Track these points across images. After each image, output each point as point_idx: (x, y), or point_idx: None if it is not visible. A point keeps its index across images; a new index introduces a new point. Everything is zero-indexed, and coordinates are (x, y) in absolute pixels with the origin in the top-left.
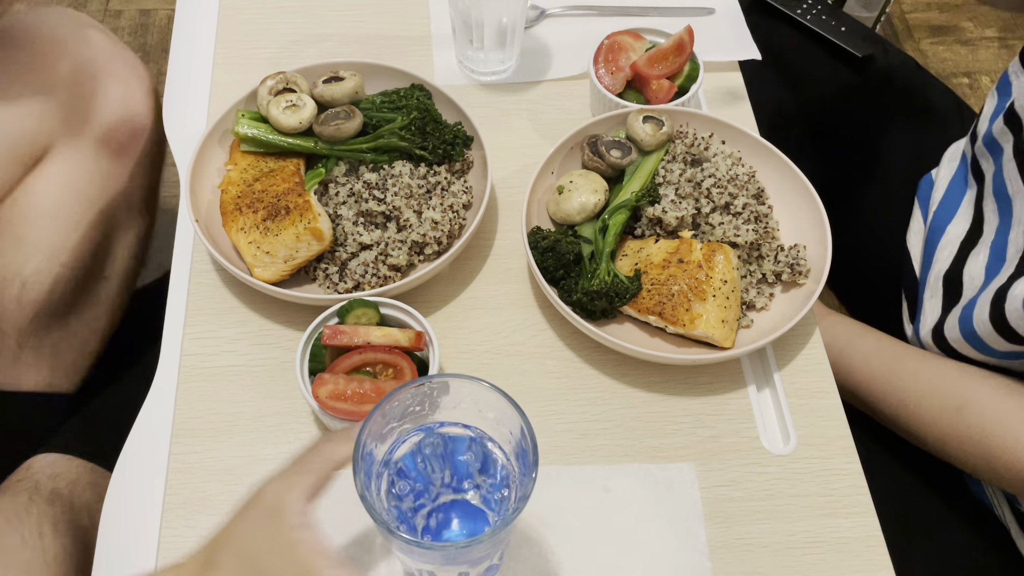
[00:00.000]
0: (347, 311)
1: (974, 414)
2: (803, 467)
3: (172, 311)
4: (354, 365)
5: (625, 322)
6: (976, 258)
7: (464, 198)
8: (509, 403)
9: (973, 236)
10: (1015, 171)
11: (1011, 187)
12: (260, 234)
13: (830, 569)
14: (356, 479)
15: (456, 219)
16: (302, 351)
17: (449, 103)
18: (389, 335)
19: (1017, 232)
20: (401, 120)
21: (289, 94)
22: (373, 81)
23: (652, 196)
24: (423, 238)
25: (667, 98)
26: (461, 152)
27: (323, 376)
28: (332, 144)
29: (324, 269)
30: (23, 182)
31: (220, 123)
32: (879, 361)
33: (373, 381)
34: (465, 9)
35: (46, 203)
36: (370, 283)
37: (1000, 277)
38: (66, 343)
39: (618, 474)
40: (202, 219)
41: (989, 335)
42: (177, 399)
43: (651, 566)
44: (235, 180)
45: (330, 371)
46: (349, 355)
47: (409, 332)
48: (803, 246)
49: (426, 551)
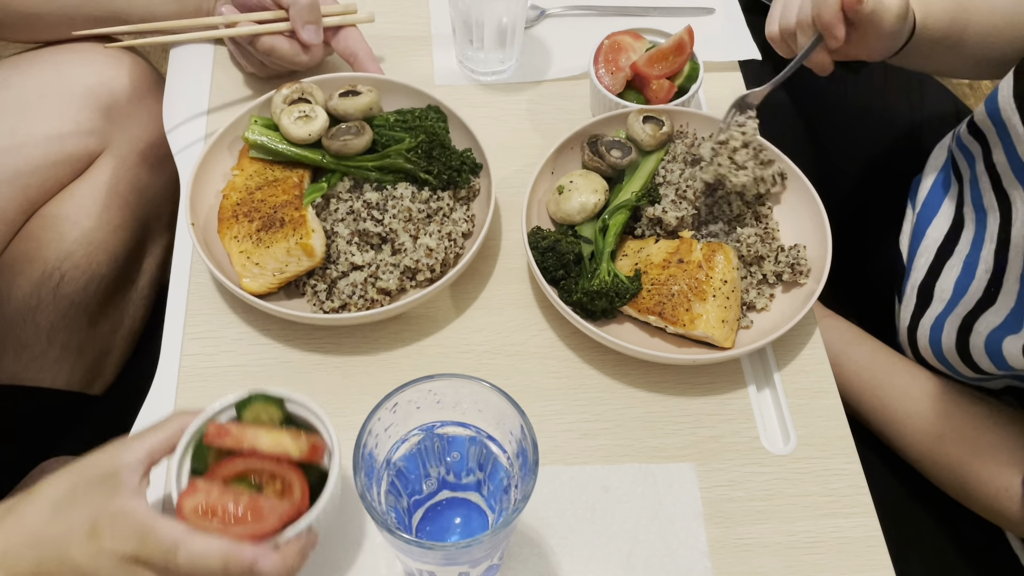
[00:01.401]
0: (245, 406)
1: (952, 444)
2: (803, 467)
3: (172, 311)
4: (237, 471)
5: (625, 322)
6: (950, 272)
7: (464, 226)
8: (509, 403)
9: (950, 242)
10: (988, 184)
11: (985, 200)
12: (252, 244)
13: (830, 569)
14: (357, 479)
15: (452, 247)
16: (183, 447)
17: (463, 127)
18: (279, 444)
19: (988, 249)
20: (409, 142)
21: (303, 104)
22: (391, 97)
23: (652, 196)
24: (416, 264)
25: (667, 98)
26: (467, 179)
27: (197, 483)
28: (339, 159)
29: (313, 286)
30: (70, 186)
31: (231, 128)
32: (871, 374)
33: (253, 497)
34: (465, 9)
35: (89, 205)
36: (356, 305)
37: (968, 299)
38: (90, 343)
39: (618, 474)
40: (200, 223)
41: (956, 362)
42: (177, 399)
43: (651, 566)
44: (238, 186)
45: (210, 475)
46: (232, 459)
47: (303, 443)
48: (803, 246)
49: (426, 551)
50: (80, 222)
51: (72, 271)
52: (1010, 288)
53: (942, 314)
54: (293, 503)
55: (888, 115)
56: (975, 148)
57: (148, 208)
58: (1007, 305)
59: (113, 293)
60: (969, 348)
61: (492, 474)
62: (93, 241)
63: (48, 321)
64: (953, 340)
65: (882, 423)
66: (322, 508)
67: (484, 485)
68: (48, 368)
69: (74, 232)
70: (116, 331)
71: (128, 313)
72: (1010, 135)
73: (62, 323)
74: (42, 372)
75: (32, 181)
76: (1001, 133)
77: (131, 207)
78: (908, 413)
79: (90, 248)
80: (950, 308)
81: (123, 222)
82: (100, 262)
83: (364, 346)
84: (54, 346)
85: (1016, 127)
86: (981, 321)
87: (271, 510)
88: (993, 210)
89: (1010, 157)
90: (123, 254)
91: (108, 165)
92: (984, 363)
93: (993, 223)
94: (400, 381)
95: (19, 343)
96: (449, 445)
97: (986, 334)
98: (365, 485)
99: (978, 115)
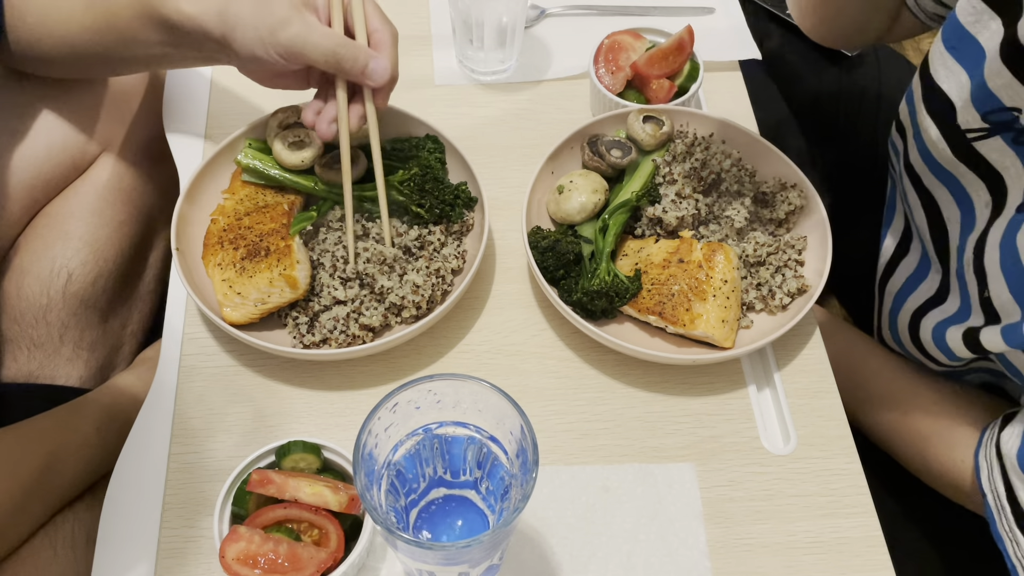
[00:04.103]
0: (284, 453)
1: (917, 419)
2: (803, 467)
3: (172, 311)
4: (277, 519)
5: (625, 322)
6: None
7: (454, 263)
8: (509, 403)
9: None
10: (910, 183)
11: (910, 199)
12: (235, 273)
13: (830, 569)
14: (357, 479)
15: (440, 285)
16: (226, 492)
17: (459, 158)
18: (319, 495)
19: (929, 248)
20: (402, 174)
21: (298, 129)
22: (390, 123)
23: (652, 196)
24: (402, 301)
25: (667, 98)
26: (460, 214)
27: (238, 530)
28: (331, 187)
29: (295, 318)
30: (73, 183)
31: (228, 148)
32: (847, 360)
33: (291, 545)
34: (465, 9)
35: (93, 201)
36: (337, 340)
37: (918, 295)
38: (102, 341)
39: (618, 474)
40: (185, 247)
41: (916, 354)
42: (177, 399)
43: (651, 566)
44: (228, 210)
45: (251, 521)
46: (274, 507)
47: (342, 496)
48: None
49: (426, 551)
50: (85, 219)
51: (80, 268)
52: (955, 286)
53: (893, 308)
54: (330, 552)
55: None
56: (899, 145)
57: (151, 203)
58: (955, 304)
59: (121, 289)
60: (921, 341)
61: (492, 474)
62: (99, 238)
63: (59, 320)
64: (907, 334)
65: (854, 403)
66: (357, 555)
67: (484, 485)
68: (62, 366)
69: (80, 229)
70: (126, 327)
71: (136, 308)
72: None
73: (72, 321)
74: (56, 370)
75: (36, 181)
76: (916, 134)
77: (134, 203)
78: (879, 392)
79: (96, 245)
80: (900, 303)
81: (128, 217)
82: (107, 258)
83: None
84: (66, 344)
85: (928, 131)
86: (929, 316)
87: (309, 559)
88: (919, 208)
89: (925, 157)
90: (129, 250)
91: (110, 162)
92: (936, 354)
93: (922, 221)
94: (400, 381)
95: (32, 343)
96: (449, 445)
97: (931, 327)
98: (365, 485)
99: (901, 113)
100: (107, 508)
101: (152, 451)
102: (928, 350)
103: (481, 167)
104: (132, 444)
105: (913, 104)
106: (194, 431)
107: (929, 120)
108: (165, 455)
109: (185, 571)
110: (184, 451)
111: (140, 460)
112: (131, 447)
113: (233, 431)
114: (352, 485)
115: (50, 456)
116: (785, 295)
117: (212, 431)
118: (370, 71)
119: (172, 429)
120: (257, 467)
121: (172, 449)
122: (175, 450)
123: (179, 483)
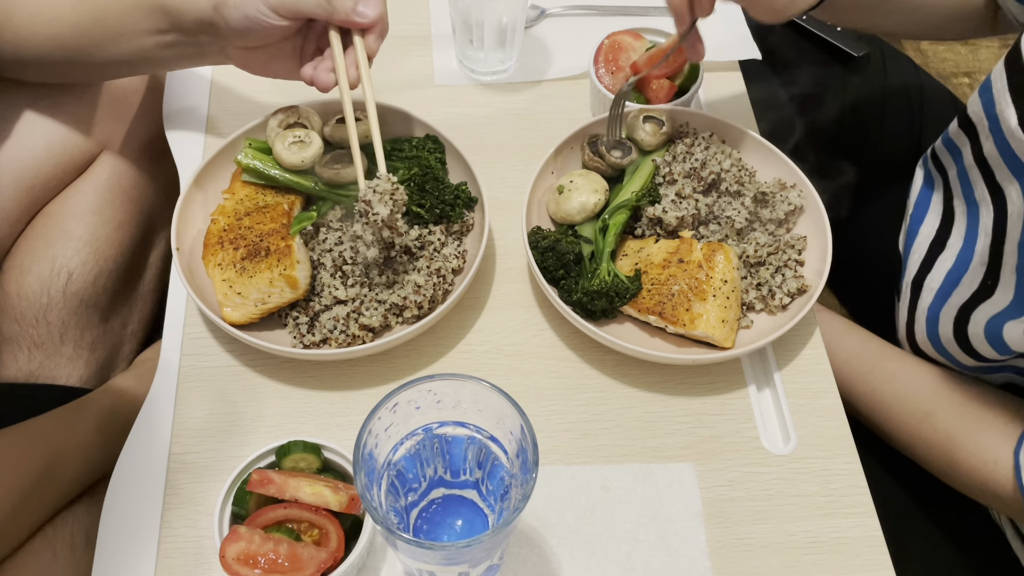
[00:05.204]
0: (285, 453)
1: (941, 420)
2: (803, 467)
3: (172, 311)
4: (277, 519)
5: (625, 322)
6: (942, 265)
7: (455, 263)
8: (509, 403)
9: (942, 236)
10: (979, 176)
11: (977, 193)
12: (236, 273)
13: (830, 569)
14: (357, 479)
15: (441, 284)
16: (226, 492)
17: (459, 158)
18: (319, 495)
19: (983, 243)
20: (402, 174)
21: (299, 129)
22: (390, 123)
23: (652, 196)
24: (403, 301)
25: (667, 98)
26: (460, 214)
27: (239, 530)
28: (331, 187)
29: (295, 318)
30: (73, 183)
31: (228, 148)
32: (860, 361)
33: (291, 545)
34: (465, 9)
35: (93, 201)
36: (337, 340)
37: (961, 290)
38: (102, 341)
39: (618, 474)
40: (185, 247)
41: (955, 350)
42: (177, 399)
43: (651, 566)
44: (228, 211)
45: (251, 521)
46: (274, 507)
47: (342, 496)
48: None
49: (426, 551)
50: (85, 219)
51: (80, 268)
52: (1007, 281)
53: (934, 305)
54: (330, 552)
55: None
56: (963, 141)
57: (151, 202)
58: (1006, 297)
59: (121, 288)
60: (968, 336)
61: (492, 474)
62: (99, 237)
63: (59, 319)
64: (951, 329)
65: (871, 407)
66: (358, 555)
67: (484, 485)
68: (63, 366)
69: (79, 229)
70: (126, 326)
71: (137, 308)
72: (1002, 129)
73: (73, 320)
74: (57, 370)
75: (35, 181)
76: (993, 127)
77: (134, 202)
78: (896, 394)
79: (96, 244)
80: (942, 299)
81: (127, 217)
82: (107, 258)
83: None
84: (67, 344)
85: (1008, 121)
86: (979, 311)
87: (309, 559)
88: (986, 203)
89: (1002, 150)
90: (129, 249)
91: (110, 161)
92: (984, 350)
93: (987, 216)
94: (400, 381)
95: (32, 342)
96: (449, 445)
97: (984, 322)
98: (365, 485)
99: (971, 106)
100: (107, 508)
101: (152, 451)
102: (975, 345)
103: (481, 167)
104: (132, 444)
105: (991, 96)
106: (194, 431)
107: (1012, 110)
108: (165, 455)
109: (185, 571)
110: (184, 451)
111: (140, 460)
112: (131, 447)
113: (233, 431)
114: (352, 485)
115: (50, 456)
116: (785, 295)
117: (212, 431)
118: (360, 9)
119: (172, 429)
120: (257, 467)
121: (172, 449)
122: (175, 450)
123: (179, 483)
